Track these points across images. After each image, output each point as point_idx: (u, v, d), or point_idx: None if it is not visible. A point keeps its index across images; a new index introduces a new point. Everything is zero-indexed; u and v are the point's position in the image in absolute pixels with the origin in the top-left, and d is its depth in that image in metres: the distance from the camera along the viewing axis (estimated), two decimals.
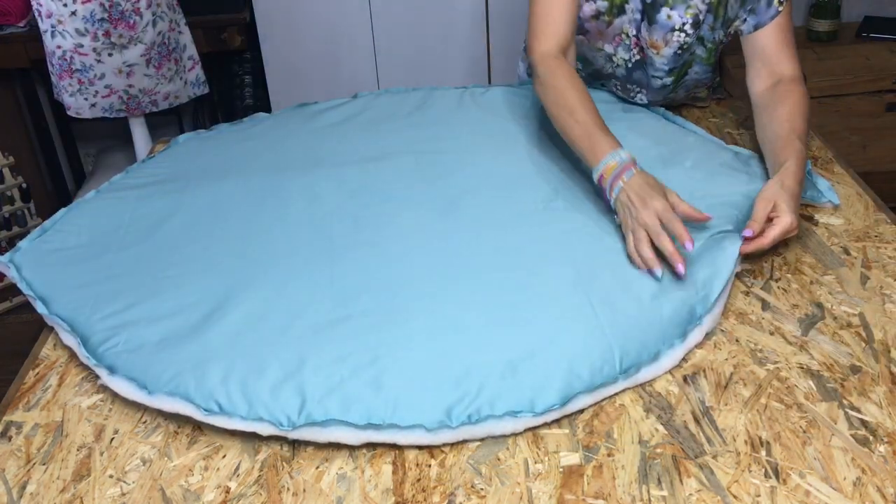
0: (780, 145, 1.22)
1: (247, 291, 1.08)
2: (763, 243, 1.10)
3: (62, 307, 1.09)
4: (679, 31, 1.35)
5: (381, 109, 1.58)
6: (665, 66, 1.41)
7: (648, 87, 1.46)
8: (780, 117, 1.27)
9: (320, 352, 0.96)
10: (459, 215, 1.22)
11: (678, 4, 1.33)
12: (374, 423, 0.88)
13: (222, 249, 1.18)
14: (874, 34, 2.67)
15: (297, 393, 0.91)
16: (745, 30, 1.35)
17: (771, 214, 1.12)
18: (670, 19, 1.34)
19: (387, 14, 2.65)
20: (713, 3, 1.33)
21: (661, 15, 1.34)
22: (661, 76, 1.43)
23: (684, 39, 1.36)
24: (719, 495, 0.81)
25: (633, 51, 1.41)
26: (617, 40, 1.41)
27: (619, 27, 1.39)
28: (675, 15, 1.34)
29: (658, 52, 1.38)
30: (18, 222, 2.59)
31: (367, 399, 0.90)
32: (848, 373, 0.96)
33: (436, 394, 0.91)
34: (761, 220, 1.12)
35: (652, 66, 1.41)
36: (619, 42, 1.41)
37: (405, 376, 0.93)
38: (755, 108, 1.36)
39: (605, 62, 1.47)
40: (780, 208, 1.11)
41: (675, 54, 1.38)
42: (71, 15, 2.13)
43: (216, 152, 1.48)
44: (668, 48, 1.37)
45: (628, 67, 1.45)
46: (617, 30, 1.39)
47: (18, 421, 0.96)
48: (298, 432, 0.89)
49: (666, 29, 1.35)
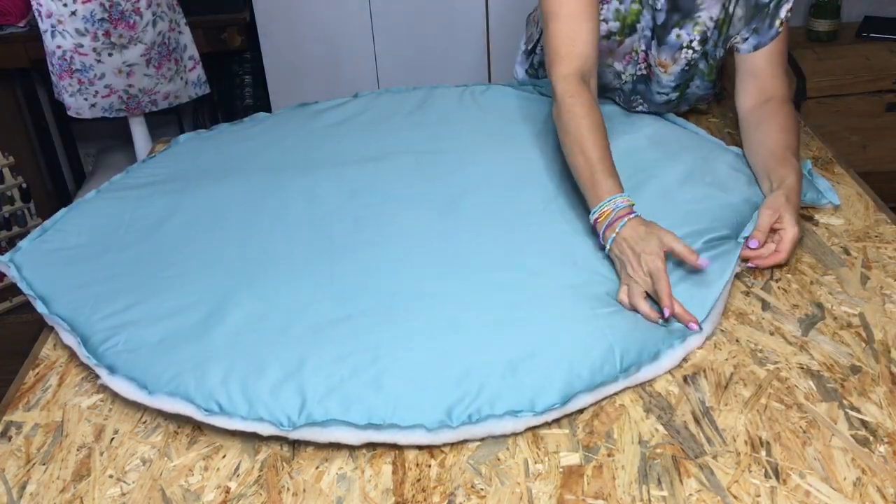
0: (777, 161, 1.23)
1: (247, 291, 1.08)
2: (781, 258, 1.12)
3: (62, 307, 1.09)
4: (687, 49, 1.35)
5: (382, 109, 1.58)
6: (671, 82, 1.41)
7: (650, 101, 1.47)
8: (774, 134, 1.27)
9: (320, 352, 0.96)
10: (460, 215, 1.22)
11: (687, 23, 1.33)
12: (375, 423, 0.88)
13: (222, 249, 1.18)
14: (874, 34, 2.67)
15: (297, 393, 0.91)
16: (744, 49, 1.35)
17: (775, 226, 1.13)
18: (679, 38, 1.34)
19: (387, 14, 2.65)
20: (720, 20, 1.32)
21: (671, 36, 1.34)
22: (666, 92, 1.43)
23: (691, 56, 1.36)
24: (719, 495, 0.81)
25: (640, 65, 1.41)
26: (627, 58, 1.41)
27: (629, 46, 1.39)
28: (684, 33, 1.33)
29: (666, 70, 1.38)
30: (18, 222, 2.59)
31: (368, 399, 0.90)
32: (848, 373, 0.96)
33: (436, 394, 0.90)
34: (765, 230, 1.12)
35: (658, 83, 1.42)
36: (630, 60, 1.41)
37: (405, 376, 0.93)
38: (743, 123, 1.36)
39: (614, 78, 1.47)
40: (786, 219, 1.12)
41: (682, 70, 1.39)
42: (71, 15, 2.13)
43: (216, 152, 1.48)
44: (675, 66, 1.38)
45: (633, 81, 1.45)
46: (627, 48, 1.39)
47: (18, 421, 0.96)
48: (299, 432, 0.89)
49: (675, 48, 1.35)
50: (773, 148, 1.25)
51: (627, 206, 1.09)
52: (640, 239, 1.05)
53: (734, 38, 1.35)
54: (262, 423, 0.89)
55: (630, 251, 1.05)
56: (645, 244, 1.04)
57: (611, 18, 1.35)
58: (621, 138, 1.35)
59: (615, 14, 1.34)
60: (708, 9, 1.31)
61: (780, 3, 1.30)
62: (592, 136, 1.18)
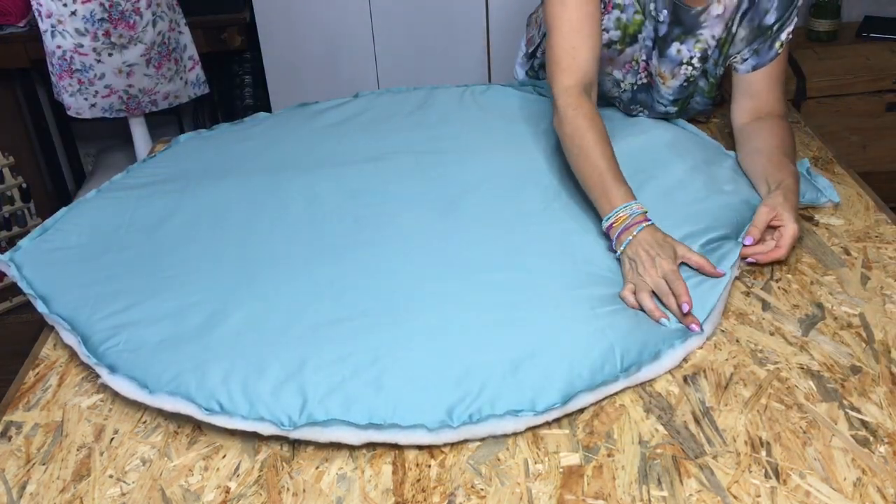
0: (774, 166, 1.23)
1: (247, 291, 1.08)
2: (781, 254, 1.12)
3: (62, 306, 1.09)
4: (687, 65, 1.35)
5: (382, 109, 1.58)
6: (670, 95, 1.41)
7: (651, 109, 1.47)
8: (770, 141, 1.28)
9: (321, 352, 0.96)
10: (460, 215, 1.22)
11: (688, 39, 1.33)
12: (376, 422, 0.88)
13: (223, 249, 1.18)
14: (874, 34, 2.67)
15: (298, 393, 0.91)
16: (742, 69, 1.34)
17: (773, 223, 1.14)
18: (679, 53, 1.34)
19: (387, 14, 2.65)
20: (722, 39, 1.32)
21: (672, 49, 1.34)
22: (665, 104, 1.43)
23: (691, 72, 1.36)
24: (719, 496, 0.81)
25: (640, 74, 1.41)
26: (627, 67, 1.41)
27: (630, 55, 1.38)
28: (685, 49, 1.33)
29: (665, 82, 1.38)
30: (18, 222, 2.59)
31: (368, 399, 0.90)
32: (848, 373, 0.96)
33: (437, 393, 0.90)
34: (762, 227, 1.13)
35: (658, 92, 1.42)
36: (629, 69, 1.41)
37: (406, 376, 0.93)
38: (738, 136, 1.36)
39: (613, 86, 1.47)
40: (784, 217, 1.13)
41: (681, 86, 1.39)
42: (71, 15, 2.13)
43: (216, 152, 1.48)
44: (674, 80, 1.38)
45: (633, 90, 1.45)
46: (628, 58, 1.39)
47: (18, 421, 0.96)
48: (300, 432, 0.89)
49: (675, 63, 1.35)
50: (770, 154, 1.26)
51: (643, 213, 1.12)
52: (656, 244, 1.08)
53: (733, 57, 1.35)
54: (262, 422, 0.89)
55: (645, 254, 1.07)
56: (661, 249, 1.07)
57: (612, 27, 1.35)
58: (622, 140, 1.35)
59: (616, 23, 1.34)
60: (711, 27, 1.31)
61: (783, 27, 1.29)
62: (599, 146, 1.20)
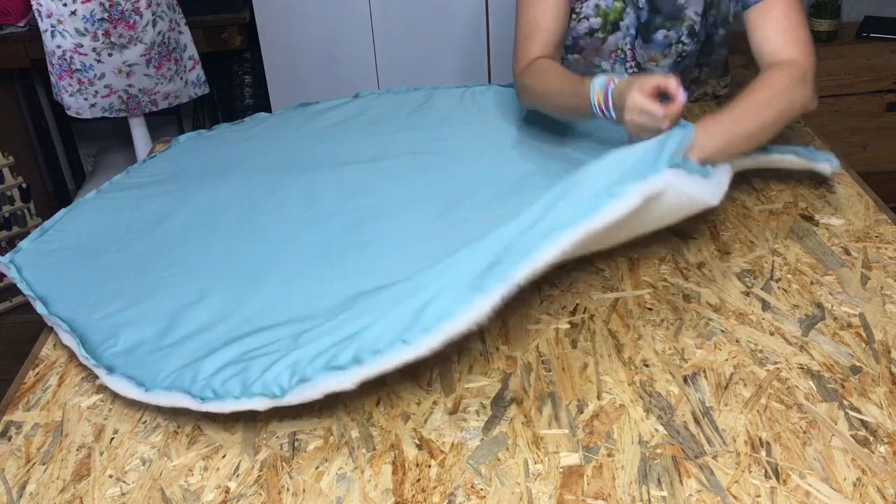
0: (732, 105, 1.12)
1: (247, 291, 1.08)
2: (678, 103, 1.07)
3: (62, 307, 1.09)
4: (677, 44, 1.35)
5: (382, 109, 1.58)
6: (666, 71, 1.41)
7: None
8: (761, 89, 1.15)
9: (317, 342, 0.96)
10: (460, 215, 1.22)
11: (675, 25, 1.33)
12: (360, 358, 0.85)
13: (222, 249, 1.18)
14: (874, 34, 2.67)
15: (289, 367, 0.89)
16: (737, 11, 1.28)
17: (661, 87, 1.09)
18: (667, 38, 1.34)
19: (387, 14, 2.65)
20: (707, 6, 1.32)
21: (658, 35, 1.34)
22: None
23: (682, 49, 1.36)
24: (719, 496, 0.81)
25: (628, 63, 1.41)
26: (613, 57, 1.41)
27: (613, 44, 1.39)
28: (672, 33, 1.34)
29: (657, 63, 1.39)
30: (18, 222, 2.59)
31: (352, 347, 0.87)
32: (848, 373, 0.96)
33: (404, 309, 0.88)
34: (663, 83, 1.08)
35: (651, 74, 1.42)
36: (616, 59, 1.41)
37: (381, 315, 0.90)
38: None
39: None
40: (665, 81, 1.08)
41: (675, 62, 1.39)
42: (71, 15, 2.13)
43: (216, 152, 1.48)
44: (666, 59, 1.38)
45: None
46: (612, 47, 1.39)
47: (18, 421, 0.96)
48: (291, 395, 0.86)
49: (663, 46, 1.36)
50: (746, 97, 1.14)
51: (608, 79, 1.14)
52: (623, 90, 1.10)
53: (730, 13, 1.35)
54: (255, 398, 0.87)
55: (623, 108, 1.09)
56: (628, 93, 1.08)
57: (591, 14, 1.35)
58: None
59: (595, 10, 1.34)
60: (693, 4, 1.31)
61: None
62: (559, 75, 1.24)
